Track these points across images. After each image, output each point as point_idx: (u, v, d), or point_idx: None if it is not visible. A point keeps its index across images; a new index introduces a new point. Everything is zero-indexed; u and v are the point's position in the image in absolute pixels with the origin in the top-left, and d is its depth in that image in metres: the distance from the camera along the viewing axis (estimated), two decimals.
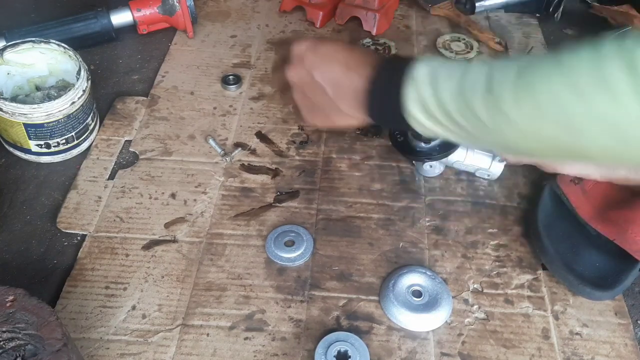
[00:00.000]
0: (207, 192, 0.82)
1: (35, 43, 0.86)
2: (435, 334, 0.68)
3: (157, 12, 1.05)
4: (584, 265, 0.71)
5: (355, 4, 1.09)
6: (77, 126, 0.84)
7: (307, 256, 0.75)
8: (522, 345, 0.68)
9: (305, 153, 0.88)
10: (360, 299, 0.71)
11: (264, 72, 1.02)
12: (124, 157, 0.87)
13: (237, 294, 0.71)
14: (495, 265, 0.75)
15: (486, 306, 0.71)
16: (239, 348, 0.67)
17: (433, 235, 0.78)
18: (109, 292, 0.71)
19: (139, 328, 0.68)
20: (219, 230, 0.78)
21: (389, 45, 1.07)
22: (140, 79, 1.00)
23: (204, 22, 1.12)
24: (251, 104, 0.96)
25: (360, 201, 0.82)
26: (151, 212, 0.80)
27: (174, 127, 0.91)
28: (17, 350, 0.54)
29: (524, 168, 0.85)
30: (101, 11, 1.03)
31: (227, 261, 0.75)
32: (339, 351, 0.65)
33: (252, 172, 0.85)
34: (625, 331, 0.69)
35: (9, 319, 0.55)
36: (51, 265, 0.74)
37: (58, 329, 0.55)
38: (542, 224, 0.75)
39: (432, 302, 0.70)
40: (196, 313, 0.69)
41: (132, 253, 0.75)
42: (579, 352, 0.67)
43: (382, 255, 0.76)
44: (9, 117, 0.80)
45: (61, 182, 0.84)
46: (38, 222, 0.79)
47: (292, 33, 1.10)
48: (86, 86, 0.84)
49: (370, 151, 0.89)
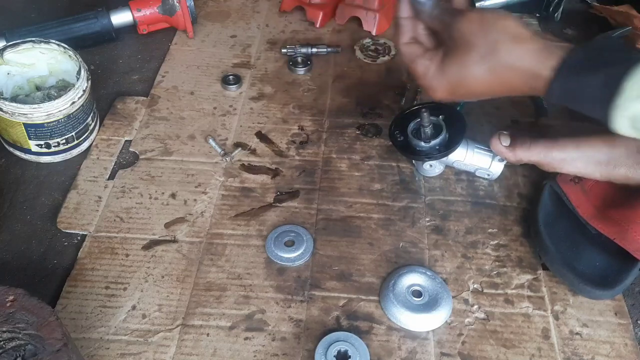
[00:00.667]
0: (207, 192, 0.82)
1: (35, 43, 0.86)
2: (435, 334, 0.68)
3: (157, 12, 1.05)
4: (584, 264, 0.72)
5: (355, 4, 1.09)
6: (77, 126, 0.84)
7: (307, 256, 0.75)
8: (522, 345, 0.68)
9: (305, 153, 0.88)
10: (360, 299, 0.71)
11: (264, 72, 1.02)
12: (124, 157, 0.87)
13: (237, 294, 0.71)
14: (495, 265, 0.75)
15: (486, 306, 0.71)
16: (239, 348, 0.67)
17: (433, 235, 0.78)
18: (109, 292, 0.71)
19: (139, 328, 0.68)
20: (219, 230, 0.78)
21: (389, 45, 1.07)
22: (140, 79, 1.01)
23: (204, 22, 1.12)
24: (251, 104, 0.96)
25: (360, 201, 0.82)
26: (151, 212, 0.80)
27: (174, 127, 0.91)
28: (17, 350, 0.54)
29: (524, 168, 0.85)
30: (101, 11, 1.03)
31: (227, 261, 0.75)
32: (339, 351, 0.65)
33: (252, 172, 0.85)
34: (625, 331, 0.69)
35: (9, 319, 0.55)
36: (51, 265, 0.74)
37: (58, 329, 0.55)
38: (543, 223, 0.75)
39: (432, 302, 0.70)
40: (196, 313, 0.69)
41: (132, 253, 0.75)
42: (579, 352, 0.67)
43: (382, 255, 0.76)
44: (9, 117, 0.80)
45: (61, 182, 0.84)
46: (38, 222, 0.79)
47: (292, 33, 1.10)
48: (86, 86, 0.84)
49: (370, 151, 0.89)
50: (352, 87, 0.99)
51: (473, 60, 0.65)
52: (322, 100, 0.97)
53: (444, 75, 0.68)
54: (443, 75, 0.69)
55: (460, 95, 0.70)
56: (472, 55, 0.65)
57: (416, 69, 0.71)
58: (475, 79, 0.66)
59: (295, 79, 1.01)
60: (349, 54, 1.06)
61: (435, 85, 0.70)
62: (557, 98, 0.61)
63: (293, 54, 1.03)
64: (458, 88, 0.68)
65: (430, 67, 0.70)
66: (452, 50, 0.68)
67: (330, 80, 1.01)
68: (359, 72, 1.02)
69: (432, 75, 0.70)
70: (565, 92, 0.60)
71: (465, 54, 0.66)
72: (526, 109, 0.96)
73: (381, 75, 1.02)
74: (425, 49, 0.72)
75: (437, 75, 0.69)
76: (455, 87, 0.68)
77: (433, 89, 0.70)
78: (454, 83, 0.68)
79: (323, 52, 1.04)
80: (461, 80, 0.67)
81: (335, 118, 0.94)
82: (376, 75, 1.02)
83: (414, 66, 0.72)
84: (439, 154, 0.78)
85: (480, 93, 0.68)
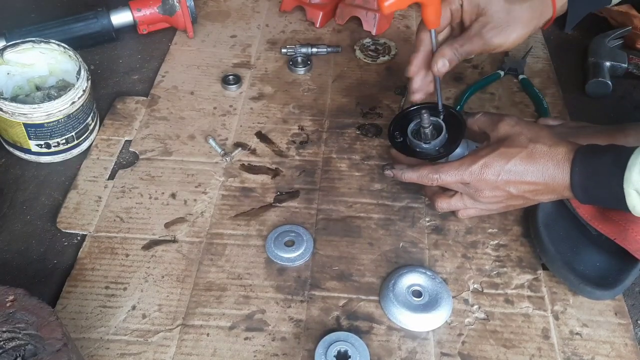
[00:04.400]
0: (207, 192, 0.82)
1: (36, 43, 0.86)
2: (435, 334, 0.68)
3: (157, 12, 1.05)
4: (584, 265, 0.72)
5: (355, 4, 1.09)
6: (77, 126, 0.84)
7: (307, 256, 0.75)
8: (522, 345, 0.68)
9: (305, 153, 0.88)
10: (360, 299, 0.71)
11: (264, 72, 1.02)
12: (124, 157, 0.87)
13: (237, 294, 0.71)
14: (495, 265, 0.75)
15: (486, 306, 0.71)
16: (239, 348, 0.67)
17: (433, 235, 0.78)
18: (109, 292, 0.71)
19: (139, 328, 0.68)
20: (219, 230, 0.78)
21: (389, 45, 1.07)
22: (140, 79, 1.00)
23: (204, 22, 1.12)
24: (251, 104, 0.96)
25: (360, 201, 0.82)
26: (151, 212, 0.80)
27: (174, 127, 0.91)
28: (17, 350, 0.54)
29: None
30: (101, 11, 1.03)
31: (227, 261, 0.75)
32: (339, 351, 0.65)
33: (252, 172, 0.85)
34: (625, 331, 0.69)
35: (9, 319, 0.55)
36: (51, 265, 0.74)
37: (58, 329, 0.55)
38: (543, 224, 0.75)
39: (432, 302, 0.70)
40: (196, 313, 0.69)
41: (132, 253, 0.75)
42: (579, 352, 0.67)
43: (382, 255, 0.76)
44: (9, 117, 0.80)
45: (61, 182, 0.84)
46: (38, 222, 0.79)
47: (292, 33, 1.10)
48: (86, 86, 0.84)
49: (370, 151, 0.89)
50: (352, 87, 0.99)
51: (520, 145, 0.68)
52: (322, 100, 0.97)
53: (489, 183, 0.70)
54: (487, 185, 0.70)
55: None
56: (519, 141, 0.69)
57: (454, 204, 0.76)
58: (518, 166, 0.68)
59: (295, 79, 1.01)
60: (349, 54, 1.06)
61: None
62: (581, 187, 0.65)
63: (293, 54, 1.03)
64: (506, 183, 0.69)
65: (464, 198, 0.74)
66: (497, 144, 0.70)
67: (330, 80, 1.01)
68: (359, 72, 1.02)
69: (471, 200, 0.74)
70: (585, 176, 0.65)
71: (511, 143, 0.69)
72: (526, 109, 0.96)
73: (381, 75, 1.02)
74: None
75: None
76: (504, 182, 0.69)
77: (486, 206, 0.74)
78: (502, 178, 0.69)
79: (323, 52, 1.04)
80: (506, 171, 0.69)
81: (335, 118, 0.94)
82: (376, 75, 1.02)
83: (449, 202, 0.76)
84: (438, 155, 0.78)
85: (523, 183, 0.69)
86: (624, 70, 1.00)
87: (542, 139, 0.68)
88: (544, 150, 0.67)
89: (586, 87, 0.98)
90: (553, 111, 0.94)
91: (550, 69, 1.03)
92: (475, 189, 0.71)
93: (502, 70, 1.01)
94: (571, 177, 0.65)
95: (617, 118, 0.93)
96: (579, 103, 0.97)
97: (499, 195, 0.70)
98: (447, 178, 0.71)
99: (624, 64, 0.99)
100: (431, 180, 0.73)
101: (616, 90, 0.98)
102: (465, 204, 0.74)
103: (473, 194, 0.72)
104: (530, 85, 0.98)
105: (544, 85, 1.00)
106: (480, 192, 0.71)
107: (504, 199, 0.71)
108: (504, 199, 0.71)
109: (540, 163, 0.67)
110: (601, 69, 0.98)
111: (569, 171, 0.65)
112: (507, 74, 1.01)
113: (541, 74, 1.02)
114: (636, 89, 1.00)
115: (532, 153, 0.67)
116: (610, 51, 1.01)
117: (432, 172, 0.72)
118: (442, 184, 0.73)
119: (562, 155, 0.66)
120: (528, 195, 0.69)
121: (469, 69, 1.03)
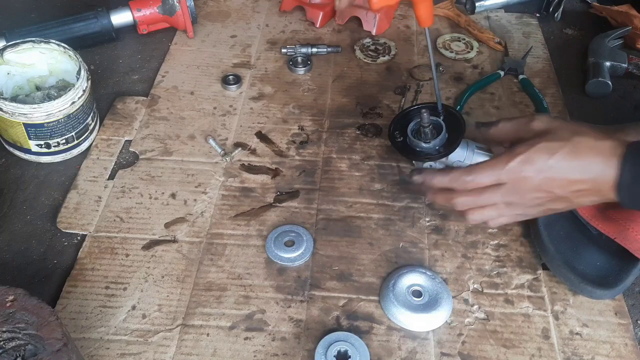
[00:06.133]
0: (207, 192, 0.82)
1: (36, 43, 0.86)
2: (436, 334, 0.68)
3: (157, 12, 1.05)
4: (585, 264, 0.72)
5: (355, 4, 1.09)
6: (77, 126, 0.84)
7: (307, 256, 0.75)
8: (522, 345, 0.68)
9: (305, 153, 0.88)
10: (360, 299, 0.71)
11: (264, 72, 1.02)
12: (124, 157, 0.87)
13: (237, 294, 0.71)
14: (495, 265, 0.75)
15: (486, 306, 0.71)
16: (239, 348, 0.67)
17: (433, 235, 0.78)
18: (109, 292, 0.71)
19: (139, 328, 0.68)
20: (219, 230, 0.78)
21: (389, 45, 1.07)
22: (140, 79, 1.00)
23: (204, 22, 1.12)
24: (251, 104, 0.96)
25: (360, 201, 0.82)
26: (151, 212, 0.80)
27: (174, 127, 0.91)
28: (17, 350, 0.54)
29: None
30: (101, 11, 1.03)
31: (227, 261, 0.75)
32: (339, 351, 0.65)
33: (252, 172, 0.85)
34: (625, 331, 0.69)
35: (9, 319, 0.55)
36: (51, 265, 0.74)
37: (58, 329, 0.55)
38: (543, 224, 0.75)
39: (432, 302, 0.70)
40: (196, 313, 0.69)
41: (132, 253, 0.75)
42: (579, 352, 0.67)
43: (382, 255, 0.76)
44: (9, 117, 0.80)
45: (61, 182, 0.84)
46: (38, 222, 0.79)
47: (292, 33, 1.10)
48: (86, 86, 0.84)
49: (370, 151, 0.89)
50: (352, 87, 0.99)
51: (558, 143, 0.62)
52: (322, 100, 0.97)
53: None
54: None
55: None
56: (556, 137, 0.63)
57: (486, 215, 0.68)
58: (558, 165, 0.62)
59: (295, 79, 1.01)
60: (349, 54, 1.06)
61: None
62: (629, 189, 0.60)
63: (293, 54, 1.03)
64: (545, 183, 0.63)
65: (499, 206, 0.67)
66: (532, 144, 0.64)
67: (330, 80, 1.01)
68: (359, 72, 1.02)
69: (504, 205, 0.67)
70: (636, 174, 0.59)
71: (549, 139, 0.63)
72: (526, 109, 0.96)
73: (381, 75, 1.02)
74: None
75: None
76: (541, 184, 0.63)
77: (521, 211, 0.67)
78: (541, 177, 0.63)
79: (323, 52, 1.04)
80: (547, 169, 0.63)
81: (335, 118, 0.94)
82: (376, 75, 1.02)
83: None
84: (438, 155, 0.78)
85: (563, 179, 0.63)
86: (624, 70, 1.00)
87: (586, 133, 0.61)
88: (590, 144, 0.60)
89: (586, 87, 0.98)
90: (553, 111, 0.94)
91: (550, 69, 1.03)
92: (514, 190, 0.63)
93: (502, 70, 1.01)
94: (620, 175, 0.59)
95: (617, 118, 0.93)
96: (579, 103, 0.97)
97: (541, 197, 0.63)
98: (482, 179, 0.64)
99: (624, 64, 0.99)
100: (465, 183, 0.66)
101: (616, 90, 0.98)
102: (500, 212, 0.66)
103: (510, 196, 0.64)
104: (531, 85, 0.98)
105: (544, 85, 1.00)
106: (518, 193, 0.63)
107: (545, 201, 0.64)
108: (546, 201, 0.64)
109: (586, 158, 0.60)
110: (601, 69, 0.98)
111: (616, 167, 0.59)
112: (507, 74, 1.01)
113: (541, 74, 1.02)
114: (636, 89, 1.00)
115: (577, 147, 0.60)
116: (610, 51, 1.01)
117: (465, 173, 0.65)
118: (477, 185, 0.65)
119: (610, 150, 0.60)
120: (572, 196, 0.63)
121: (469, 69, 1.03)
